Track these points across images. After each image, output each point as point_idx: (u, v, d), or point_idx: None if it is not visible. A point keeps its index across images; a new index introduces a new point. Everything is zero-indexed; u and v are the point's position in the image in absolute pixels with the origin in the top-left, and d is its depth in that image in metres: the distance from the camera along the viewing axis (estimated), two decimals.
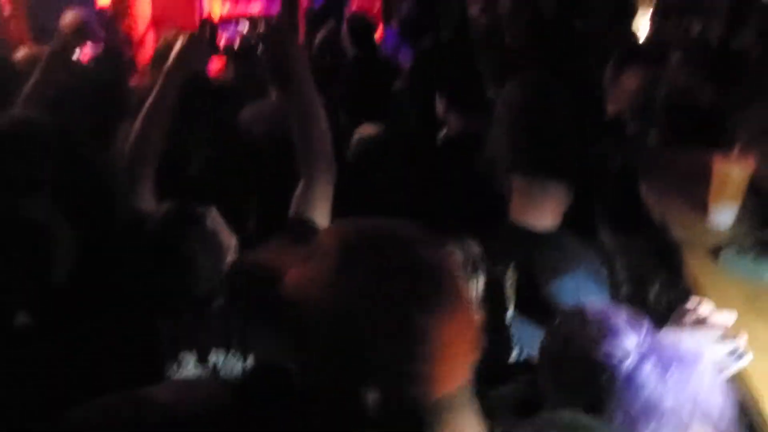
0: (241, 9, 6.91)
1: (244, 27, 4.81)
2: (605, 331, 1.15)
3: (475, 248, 1.57)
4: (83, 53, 3.10)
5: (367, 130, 2.90)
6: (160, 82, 2.01)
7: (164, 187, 1.96)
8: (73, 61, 3.00)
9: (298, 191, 1.91)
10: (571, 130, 2.18)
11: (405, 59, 4.45)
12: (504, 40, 3.91)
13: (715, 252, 1.77)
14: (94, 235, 1.86)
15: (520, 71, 2.56)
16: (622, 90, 2.80)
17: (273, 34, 2.12)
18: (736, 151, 1.90)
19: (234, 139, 2.58)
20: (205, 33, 3.38)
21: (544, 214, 1.92)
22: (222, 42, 4.28)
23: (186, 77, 2.04)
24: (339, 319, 0.82)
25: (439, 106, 2.83)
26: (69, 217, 1.81)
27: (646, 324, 1.18)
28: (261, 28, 4.00)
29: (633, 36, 4.20)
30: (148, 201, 1.91)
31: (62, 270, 1.68)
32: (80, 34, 3.18)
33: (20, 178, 1.86)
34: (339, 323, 0.82)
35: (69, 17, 3.36)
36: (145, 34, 6.01)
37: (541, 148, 1.98)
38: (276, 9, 6.69)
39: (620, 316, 1.18)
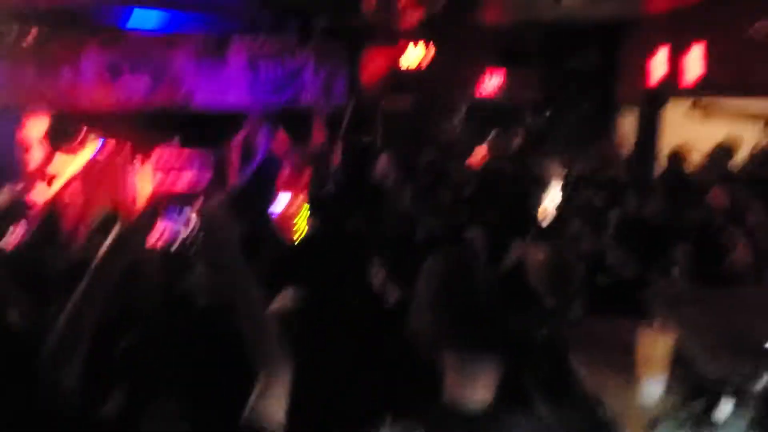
0: (170, 184, 7.03)
1: (183, 219, 4.79)
2: None
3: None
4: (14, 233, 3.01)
5: (285, 297, 2.83)
6: (97, 264, 1.92)
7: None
8: None
9: (255, 392, 1.81)
10: (493, 303, 2.24)
11: None
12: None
13: (651, 426, 1.77)
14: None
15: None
16: (533, 263, 2.91)
17: (208, 228, 2.09)
18: (656, 323, 1.97)
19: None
20: (149, 221, 3.35)
21: (476, 390, 1.90)
22: (159, 241, 4.23)
23: (125, 262, 1.97)
24: None
25: (378, 276, 2.85)
26: None
27: None
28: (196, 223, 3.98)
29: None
30: (74, 380, 1.77)
31: None
32: (12, 213, 3.12)
33: None
34: None
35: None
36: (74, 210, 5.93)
37: (466, 323, 2.01)
38: (205, 181, 6.84)
39: None
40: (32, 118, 5.79)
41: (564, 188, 5.17)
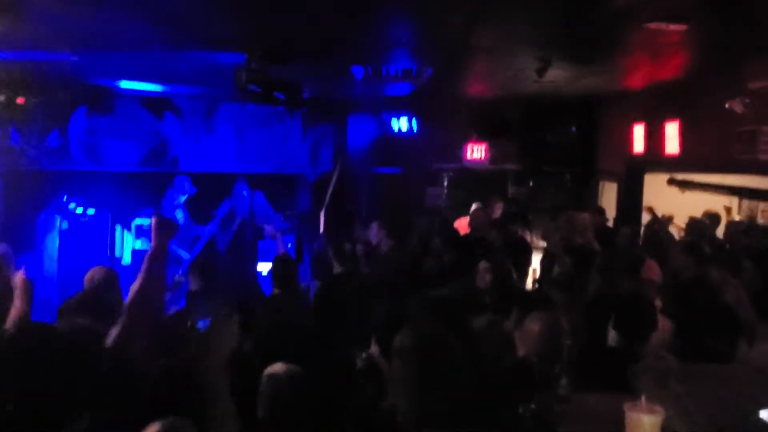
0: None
1: None
2: None
3: None
4: None
5: (276, 368, 2.80)
6: None
7: None
8: None
9: None
10: (466, 379, 2.24)
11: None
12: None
13: None
14: None
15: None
16: (526, 334, 2.91)
17: None
18: (643, 401, 1.97)
19: None
20: None
21: None
22: None
23: None
24: None
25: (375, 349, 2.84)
26: None
27: None
28: None
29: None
30: None
31: None
32: None
33: None
34: None
35: None
36: None
37: (442, 401, 2.01)
38: None
39: None
40: None
41: (544, 258, 5.22)
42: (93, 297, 3.52)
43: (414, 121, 9.03)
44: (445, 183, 9.73)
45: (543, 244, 6.23)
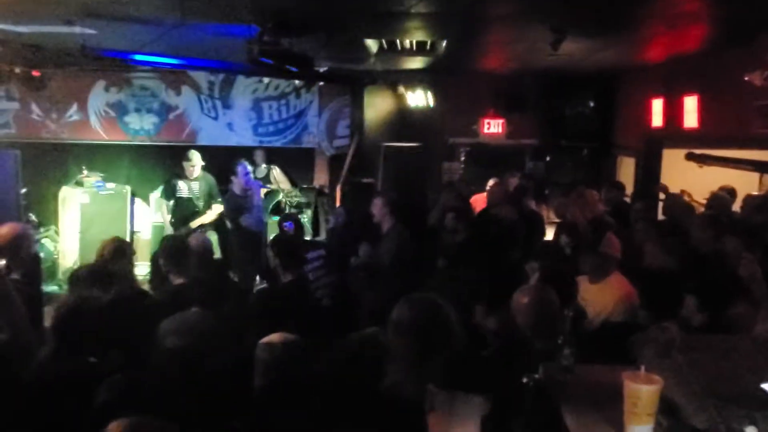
0: None
1: None
2: None
3: None
4: None
5: (273, 337, 2.83)
6: None
7: None
8: None
9: None
10: (461, 344, 2.28)
11: None
12: None
13: None
14: None
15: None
16: (516, 307, 2.92)
17: None
18: (642, 371, 1.98)
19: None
20: None
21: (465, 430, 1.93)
22: None
23: None
24: None
25: None
26: None
27: None
28: None
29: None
30: None
31: None
32: None
33: None
34: None
35: None
36: None
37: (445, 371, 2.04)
38: None
39: None
40: None
41: (558, 234, 5.20)
42: (100, 267, 3.61)
43: (430, 95, 8.98)
44: (462, 158, 9.70)
45: (557, 219, 6.22)
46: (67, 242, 7.86)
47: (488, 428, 1.98)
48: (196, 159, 7.07)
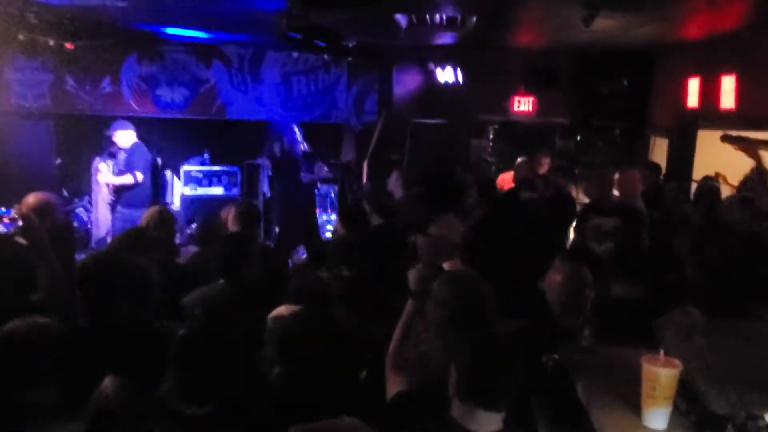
0: None
1: None
2: None
3: None
4: None
5: (281, 310, 2.86)
6: None
7: None
8: None
9: None
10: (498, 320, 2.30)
11: None
12: None
13: None
14: None
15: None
16: (549, 284, 2.91)
17: None
18: (662, 354, 1.96)
19: None
20: None
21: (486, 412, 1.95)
22: None
23: None
24: None
25: None
26: None
27: None
28: None
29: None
30: None
31: None
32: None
33: None
34: None
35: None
36: None
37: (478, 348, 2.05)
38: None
39: None
40: None
41: (585, 213, 5.14)
42: (139, 233, 3.72)
43: (460, 72, 8.88)
44: (491, 135, 9.60)
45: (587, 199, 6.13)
46: (100, 213, 8.03)
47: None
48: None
